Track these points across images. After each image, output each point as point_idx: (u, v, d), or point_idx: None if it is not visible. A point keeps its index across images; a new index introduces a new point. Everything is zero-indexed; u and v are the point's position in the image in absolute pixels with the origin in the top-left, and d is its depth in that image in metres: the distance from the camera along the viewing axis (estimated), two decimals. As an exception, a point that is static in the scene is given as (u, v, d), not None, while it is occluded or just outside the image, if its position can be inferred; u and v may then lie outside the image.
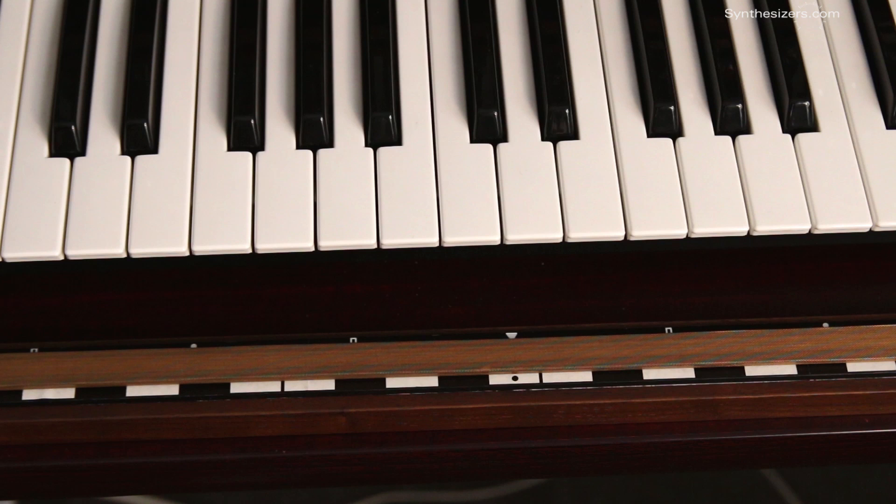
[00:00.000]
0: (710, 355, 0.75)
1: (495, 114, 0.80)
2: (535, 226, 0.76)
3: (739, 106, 0.80)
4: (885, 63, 0.82)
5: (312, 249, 0.76)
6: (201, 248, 0.76)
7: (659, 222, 0.76)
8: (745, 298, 0.78)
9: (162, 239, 0.76)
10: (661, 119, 0.80)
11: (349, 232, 0.76)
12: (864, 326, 0.76)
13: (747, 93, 0.81)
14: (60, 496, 0.76)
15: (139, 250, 0.76)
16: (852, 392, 0.75)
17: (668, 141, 0.80)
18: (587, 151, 0.79)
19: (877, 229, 0.77)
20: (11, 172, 0.79)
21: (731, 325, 0.76)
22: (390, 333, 0.76)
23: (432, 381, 0.75)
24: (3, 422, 0.73)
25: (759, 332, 0.76)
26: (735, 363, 0.75)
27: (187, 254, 0.76)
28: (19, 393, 0.74)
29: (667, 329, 0.76)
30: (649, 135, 0.80)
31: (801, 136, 0.80)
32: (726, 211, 0.76)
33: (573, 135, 0.80)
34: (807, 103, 0.80)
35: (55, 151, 0.80)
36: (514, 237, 0.76)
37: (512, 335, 0.76)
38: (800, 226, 0.76)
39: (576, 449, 0.75)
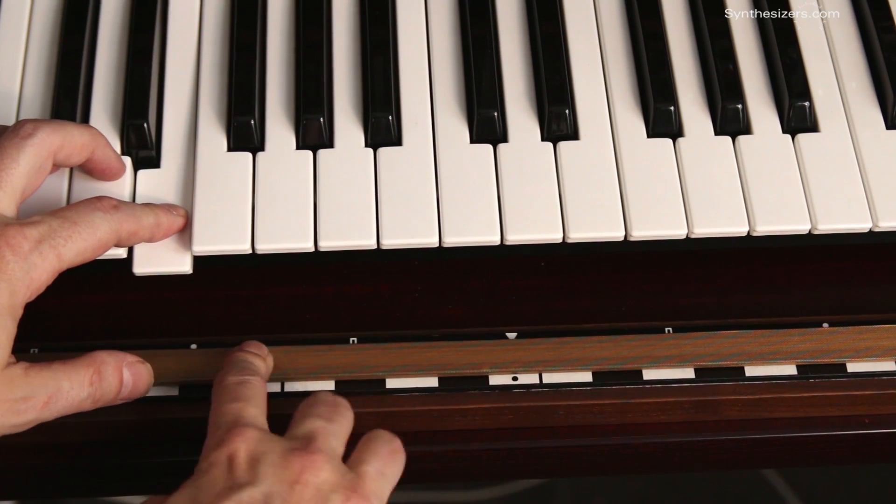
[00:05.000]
0: (710, 355, 0.75)
1: (495, 114, 0.80)
2: (534, 226, 0.76)
3: (739, 106, 0.80)
4: (885, 63, 0.82)
5: (312, 250, 0.75)
6: (201, 249, 0.76)
7: (659, 222, 0.76)
8: (745, 298, 0.78)
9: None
10: (661, 119, 0.80)
11: (349, 232, 0.76)
12: (865, 326, 0.76)
13: (747, 93, 0.81)
14: (60, 496, 0.76)
15: (140, 251, 0.76)
16: (852, 392, 0.75)
17: (668, 141, 0.80)
18: (587, 151, 0.79)
19: (877, 229, 0.77)
20: (11, 172, 0.78)
21: (731, 325, 0.76)
22: (390, 334, 0.76)
23: (432, 382, 0.75)
24: (3, 422, 0.73)
25: (759, 332, 0.76)
26: (735, 363, 0.75)
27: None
28: (19, 393, 0.74)
29: (667, 329, 0.76)
30: (649, 135, 0.80)
31: (801, 137, 0.80)
32: (726, 211, 0.76)
33: (573, 135, 0.80)
34: (807, 103, 0.80)
35: (55, 151, 0.79)
36: (514, 237, 0.76)
37: (512, 335, 0.76)
38: (800, 226, 0.76)
39: (576, 449, 0.75)
